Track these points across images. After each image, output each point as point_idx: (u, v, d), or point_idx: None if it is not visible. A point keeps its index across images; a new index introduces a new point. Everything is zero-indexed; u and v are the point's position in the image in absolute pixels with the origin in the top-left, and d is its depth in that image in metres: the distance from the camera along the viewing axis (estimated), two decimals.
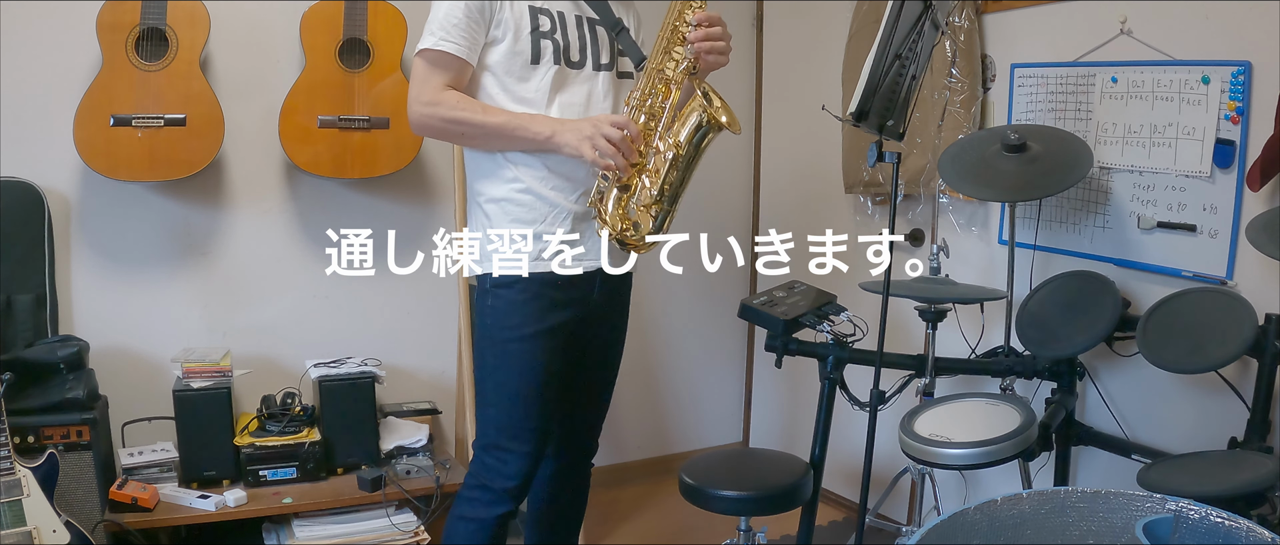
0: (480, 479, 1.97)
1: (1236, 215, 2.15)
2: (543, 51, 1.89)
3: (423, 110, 1.87)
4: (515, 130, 1.86)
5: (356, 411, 2.70)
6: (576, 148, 1.84)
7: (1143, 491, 1.11)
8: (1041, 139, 2.30)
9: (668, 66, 1.91)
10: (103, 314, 2.68)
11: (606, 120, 1.85)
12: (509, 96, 1.91)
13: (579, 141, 1.83)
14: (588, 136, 1.83)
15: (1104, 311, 2.17)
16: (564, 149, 1.85)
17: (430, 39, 1.85)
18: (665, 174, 1.88)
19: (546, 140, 1.86)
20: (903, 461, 2.45)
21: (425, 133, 1.98)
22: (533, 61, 1.89)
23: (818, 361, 2.36)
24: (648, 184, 1.89)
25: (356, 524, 2.61)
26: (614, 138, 1.82)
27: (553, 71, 1.90)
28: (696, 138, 1.89)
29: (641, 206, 1.90)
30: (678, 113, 1.91)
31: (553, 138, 1.85)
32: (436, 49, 1.84)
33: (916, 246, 2.98)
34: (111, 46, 2.44)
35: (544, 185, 1.91)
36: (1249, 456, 1.87)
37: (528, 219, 1.92)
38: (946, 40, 2.63)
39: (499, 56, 1.89)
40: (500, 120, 1.87)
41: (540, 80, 1.90)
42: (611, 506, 3.31)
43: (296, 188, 2.87)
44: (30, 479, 2.15)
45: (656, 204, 1.90)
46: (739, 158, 3.64)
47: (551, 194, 1.91)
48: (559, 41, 1.91)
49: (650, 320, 3.58)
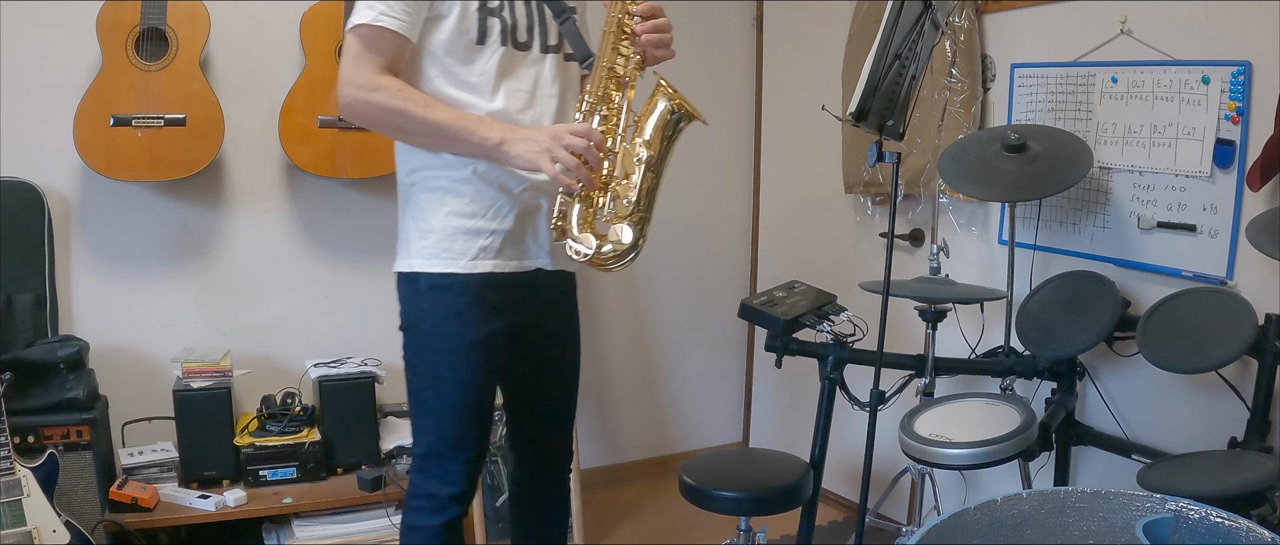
0: (424, 488, 1.85)
1: (1236, 215, 2.15)
2: (490, 30, 1.74)
3: (357, 94, 1.68)
4: (460, 132, 1.70)
5: (356, 411, 2.70)
6: (532, 161, 1.67)
7: (1143, 491, 1.11)
8: (1041, 139, 2.30)
9: (618, 63, 1.75)
10: (103, 314, 2.68)
11: (564, 129, 1.69)
12: (450, 81, 1.75)
13: (536, 154, 1.67)
14: (545, 149, 1.66)
15: (1104, 311, 2.17)
16: (516, 161, 1.69)
17: (367, 13, 1.66)
18: (640, 179, 1.72)
19: (495, 148, 1.70)
20: (903, 461, 2.44)
21: (355, 120, 1.77)
22: (479, 41, 1.73)
23: (818, 361, 2.36)
24: (619, 192, 1.72)
25: (356, 524, 2.61)
26: (576, 148, 1.66)
27: (500, 53, 1.75)
28: (667, 131, 1.74)
29: (617, 219, 1.73)
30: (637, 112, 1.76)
31: (503, 146, 1.69)
32: (374, 25, 1.66)
33: (916, 246, 2.98)
34: (111, 46, 2.44)
35: (489, 174, 1.75)
36: (1249, 456, 1.87)
37: (468, 211, 1.76)
38: (946, 40, 2.63)
39: (443, 35, 1.72)
40: (444, 119, 1.70)
41: (485, 63, 1.74)
42: (611, 506, 3.31)
43: (296, 188, 2.87)
44: (30, 479, 2.15)
45: (633, 214, 1.72)
46: (739, 158, 3.65)
47: (497, 185, 1.77)
48: (507, 19, 1.75)
49: (650, 320, 3.58)
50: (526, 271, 1.83)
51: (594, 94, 1.75)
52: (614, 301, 3.48)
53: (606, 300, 3.46)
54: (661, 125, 1.74)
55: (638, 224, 1.73)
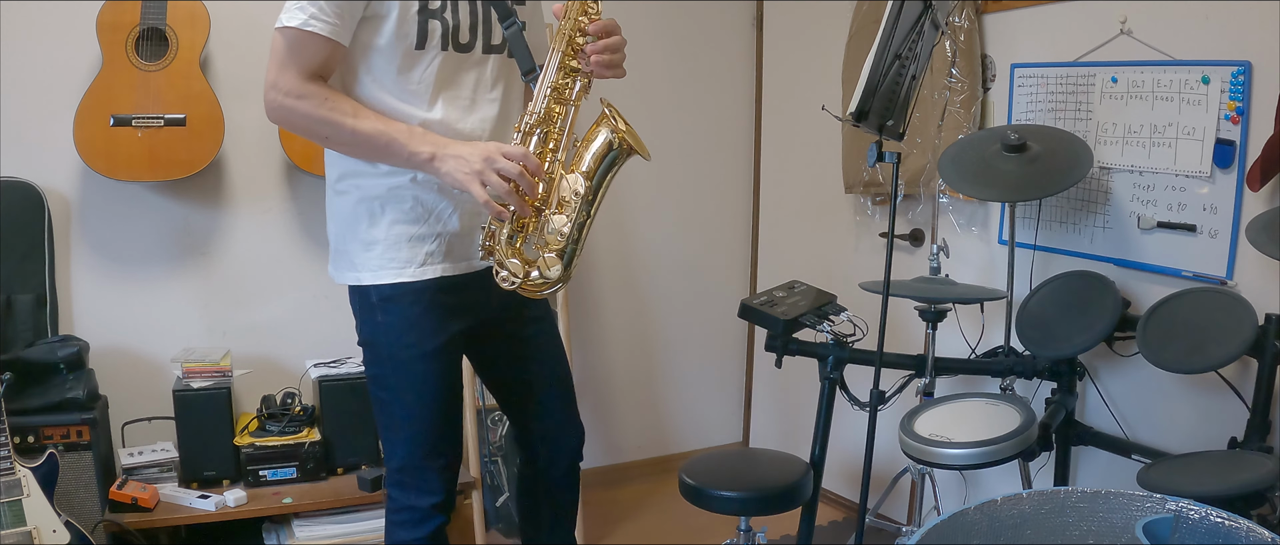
0: (403, 502, 1.80)
1: (1236, 215, 2.15)
2: (430, 34, 1.65)
3: (282, 100, 1.60)
4: (389, 144, 1.62)
5: (356, 411, 2.69)
6: (462, 182, 1.60)
7: (1143, 491, 1.11)
8: (1041, 139, 2.30)
9: (565, 85, 1.68)
10: (103, 314, 2.68)
11: (498, 150, 1.61)
12: (385, 88, 1.67)
13: (466, 176, 1.60)
14: (476, 171, 1.59)
15: (1104, 311, 2.17)
16: (445, 177, 1.63)
17: (297, 15, 1.57)
18: (576, 211, 1.65)
19: (425, 162, 1.63)
20: (903, 461, 2.44)
21: (282, 125, 1.71)
22: (418, 46, 1.65)
23: (818, 361, 2.36)
24: (552, 222, 1.65)
25: (356, 524, 2.61)
26: (509, 173, 1.59)
27: (439, 58, 1.67)
28: (607, 164, 1.66)
29: (547, 247, 1.66)
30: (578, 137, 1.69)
31: (433, 161, 1.62)
32: (303, 30, 1.57)
33: (916, 246, 2.98)
34: (111, 46, 2.44)
35: (429, 181, 1.69)
36: (1249, 456, 1.87)
37: (411, 218, 1.70)
38: (946, 40, 2.63)
39: (380, 40, 1.64)
40: (372, 129, 1.62)
41: (424, 70, 1.67)
42: (611, 506, 3.31)
43: (296, 188, 2.87)
44: (30, 479, 2.15)
45: (564, 246, 1.66)
46: (739, 158, 3.64)
47: (437, 189, 1.70)
48: (448, 21, 1.67)
49: (650, 320, 3.58)
50: (477, 271, 1.77)
51: (534, 113, 1.67)
52: (614, 302, 3.48)
53: (606, 300, 3.46)
54: (601, 156, 1.66)
55: (567, 257, 1.67)
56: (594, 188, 1.66)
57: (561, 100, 1.68)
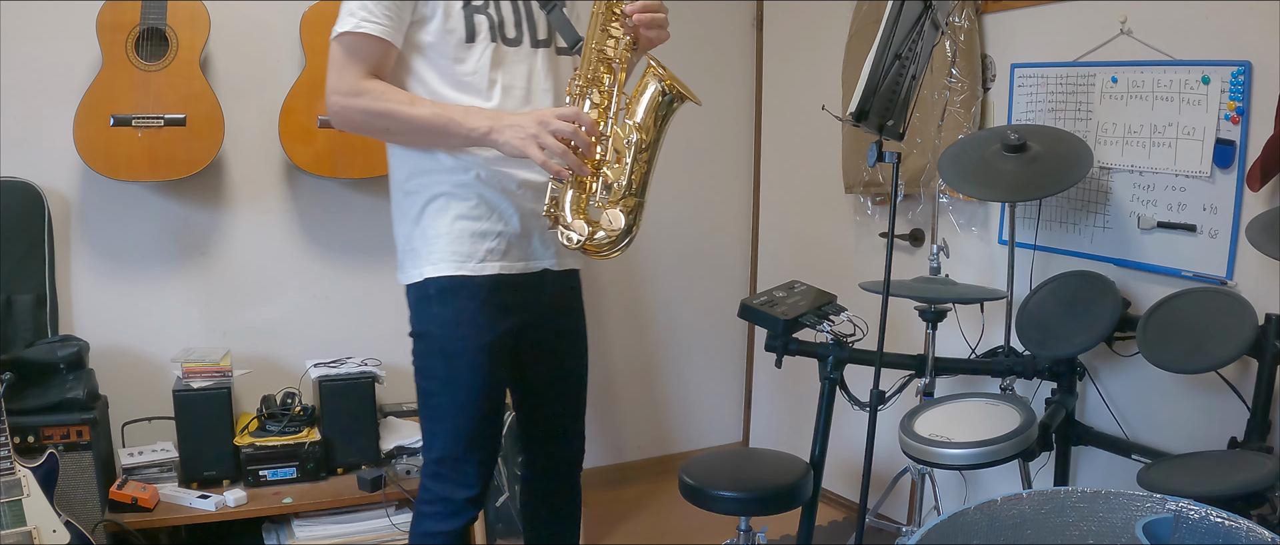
0: (439, 492, 1.84)
1: (1236, 215, 2.15)
2: (478, 27, 1.72)
3: (343, 102, 1.69)
4: (447, 125, 1.68)
5: (356, 411, 2.70)
6: (519, 147, 1.65)
7: (1143, 491, 1.11)
8: (1041, 139, 2.30)
9: (608, 45, 1.72)
10: (103, 314, 2.68)
11: (552, 113, 1.65)
12: (445, 80, 1.74)
13: (522, 140, 1.64)
14: (532, 135, 1.64)
15: (1104, 311, 2.17)
16: (504, 147, 1.67)
17: (349, 20, 1.66)
18: (632, 163, 1.68)
19: (483, 136, 1.68)
20: (903, 461, 2.44)
21: (344, 127, 1.77)
22: (468, 39, 1.72)
23: (818, 361, 2.36)
24: (611, 177, 1.69)
25: (356, 524, 2.61)
26: (564, 133, 1.64)
27: (490, 49, 1.73)
28: (660, 113, 1.70)
29: (609, 204, 1.69)
30: (628, 95, 1.72)
31: (490, 134, 1.67)
32: (357, 32, 1.65)
33: (916, 246, 2.98)
34: (111, 46, 2.44)
35: (491, 179, 1.76)
36: (1249, 456, 1.87)
37: (474, 214, 1.76)
38: (946, 40, 2.63)
39: (430, 36, 1.72)
40: (429, 113, 1.68)
41: (477, 61, 1.73)
42: (611, 506, 3.31)
43: (296, 188, 2.87)
44: (30, 479, 2.15)
45: (626, 198, 1.69)
46: (739, 158, 3.65)
47: (499, 188, 1.76)
48: (493, 16, 1.74)
49: (650, 320, 3.58)
50: (533, 272, 1.84)
51: (583, 77, 1.72)
52: (614, 301, 3.48)
53: (607, 300, 3.46)
54: (654, 107, 1.70)
55: (631, 209, 1.69)
56: (650, 138, 1.70)
57: (607, 62, 1.72)
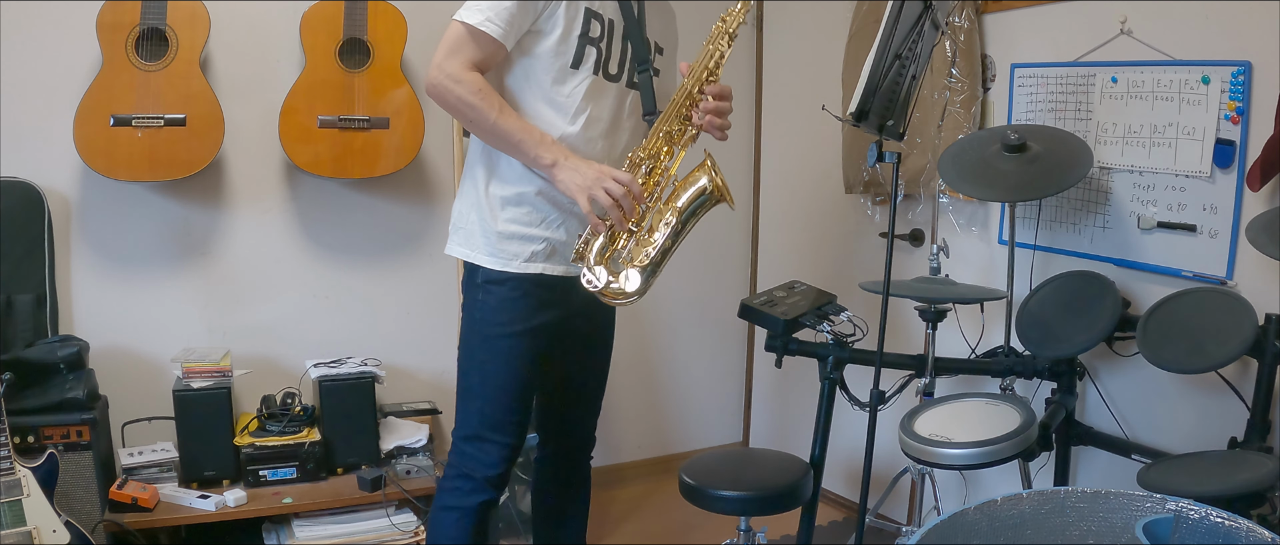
0: (462, 469, 1.99)
1: (1236, 215, 2.15)
2: (585, 58, 1.88)
3: (444, 80, 1.83)
4: (520, 145, 1.85)
5: (356, 411, 2.70)
6: (573, 192, 1.83)
7: (1143, 491, 1.11)
8: (1041, 139, 2.30)
9: (676, 130, 1.90)
10: (103, 314, 2.68)
11: (611, 173, 1.83)
12: (538, 93, 1.89)
13: (578, 187, 1.83)
14: (587, 186, 1.82)
15: (1104, 311, 2.17)
16: (559, 185, 1.85)
17: (475, 15, 1.80)
18: (662, 242, 1.87)
19: (547, 167, 1.85)
20: (903, 461, 2.45)
21: (435, 98, 1.90)
22: (573, 66, 1.88)
23: (818, 361, 2.36)
24: (639, 246, 1.87)
25: (356, 524, 2.61)
26: (614, 193, 1.82)
27: (589, 81, 1.89)
28: (696, 204, 1.89)
29: (631, 263, 1.88)
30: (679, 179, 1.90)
31: (554, 168, 1.84)
32: (478, 28, 1.80)
33: (916, 246, 2.98)
34: (111, 46, 2.44)
35: (549, 193, 1.91)
36: (1249, 456, 1.87)
37: (532, 219, 1.92)
38: (946, 40, 2.63)
39: (541, 51, 1.86)
40: (510, 127, 1.84)
41: (575, 87, 1.89)
42: (611, 506, 3.31)
43: (296, 188, 2.87)
44: (30, 479, 2.15)
45: (646, 265, 1.87)
46: (739, 158, 3.64)
47: (553, 201, 1.92)
48: (602, 50, 1.90)
49: (650, 320, 3.58)
50: (572, 276, 1.94)
51: (646, 151, 1.89)
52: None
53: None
54: (695, 197, 1.89)
55: (646, 274, 1.87)
56: (681, 222, 1.89)
57: (671, 143, 1.91)
